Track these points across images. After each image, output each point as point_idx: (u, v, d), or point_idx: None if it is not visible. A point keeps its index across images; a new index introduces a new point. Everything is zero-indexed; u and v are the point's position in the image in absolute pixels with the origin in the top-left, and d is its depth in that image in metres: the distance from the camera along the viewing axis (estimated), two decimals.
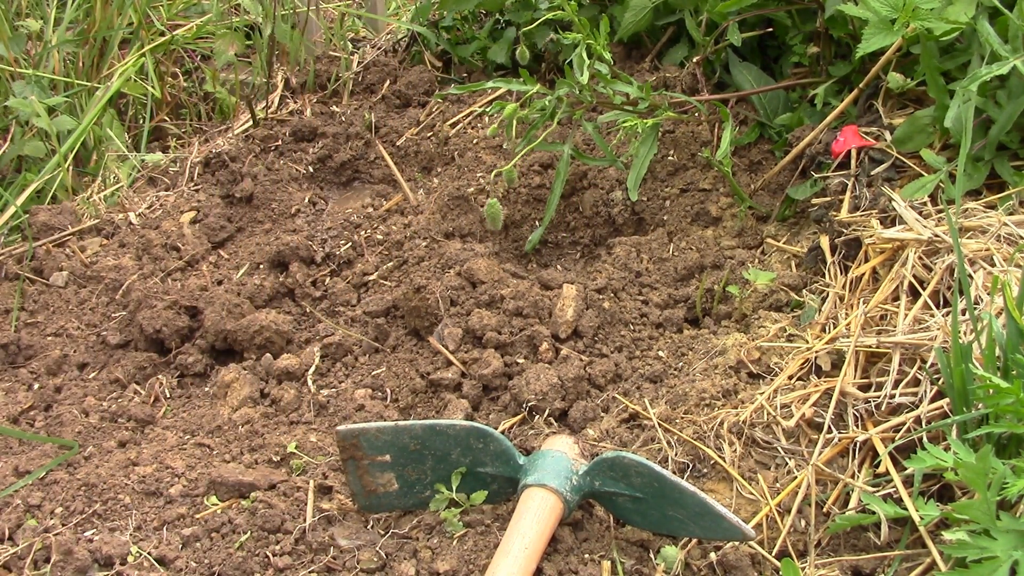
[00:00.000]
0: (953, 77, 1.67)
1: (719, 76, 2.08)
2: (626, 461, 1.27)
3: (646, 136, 1.85)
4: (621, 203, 1.96)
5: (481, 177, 2.04)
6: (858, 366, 1.43)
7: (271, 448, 1.52)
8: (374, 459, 1.35)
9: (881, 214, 1.60)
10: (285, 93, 2.47)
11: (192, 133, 2.50)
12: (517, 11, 2.36)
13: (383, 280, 1.78)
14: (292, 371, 1.65)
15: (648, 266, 1.79)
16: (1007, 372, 1.24)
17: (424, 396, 1.61)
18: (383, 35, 2.72)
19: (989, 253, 1.46)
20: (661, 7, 2.15)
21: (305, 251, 1.82)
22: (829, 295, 1.58)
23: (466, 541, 1.32)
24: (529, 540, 1.23)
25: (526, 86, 1.83)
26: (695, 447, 1.39)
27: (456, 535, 1.33)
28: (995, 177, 1.62)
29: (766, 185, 1.89)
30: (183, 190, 2.19)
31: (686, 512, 1.25)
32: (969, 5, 1.59)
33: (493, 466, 1.35)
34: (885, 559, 1.24)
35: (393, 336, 1.70)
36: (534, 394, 1.53)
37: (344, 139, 2.23)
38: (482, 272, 1.71)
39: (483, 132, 2.20)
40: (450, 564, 1.27)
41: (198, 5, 2.81)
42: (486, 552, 1.30)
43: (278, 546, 1.33)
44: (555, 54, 2.32)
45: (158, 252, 1.90)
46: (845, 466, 1.34)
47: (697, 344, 1.61)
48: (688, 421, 1.43)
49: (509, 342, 1.62)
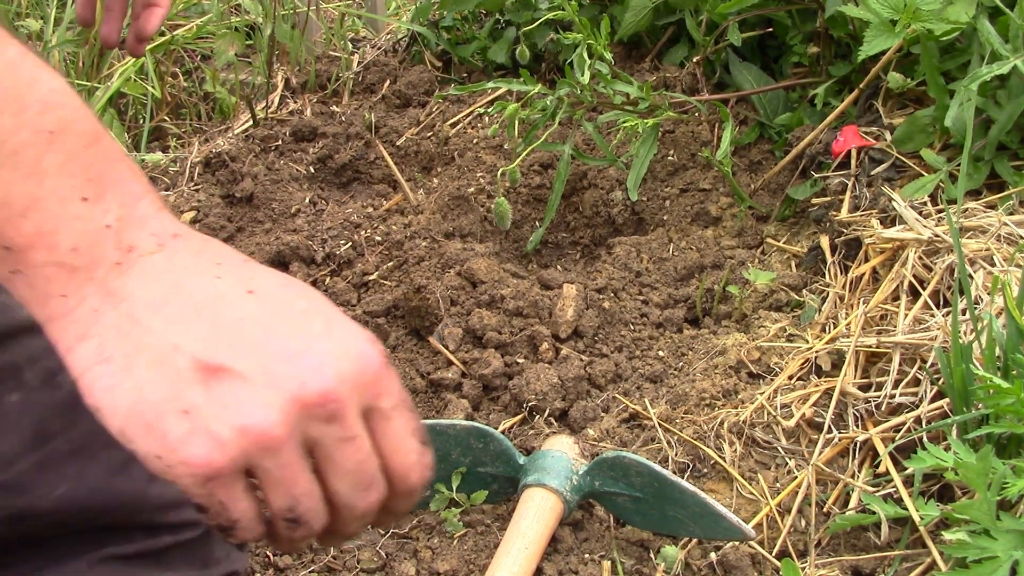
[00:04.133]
0: (953, 77, 1.67)
1: (719, 76, 2.08)
2: (626, 461, 1.28)
3: (646, 136, 1.85)
4: (621, 203, 1.96)
5: (481, 177, 2.04)
6: (858, 366, 1.43)
7: None
8: None
9: (881, 214, 1.60)
10: (285, 93, 2.47)
11: (192, 133, 2.50)
12: (517, 11, 2.36)
13: (383, 280, 1.78)
14: None
15: (648, 266, 1.79)
16: (1007, 372, 1.24)
17: (424, 396, 1.61)
18: (383, 35, 2.72)
19: (989, 253, 1.46)
20: (661, 7, 2.15)
21: (305, 251, 1.82)
22: (829, 295, 1.58)
23: (466, 541, 1.32)
24: (529, 540, 1.23)
25: (526, 86, 1.83)
26: (695, 447, 1.39)
27: (456, 535, 1.33)
28: (995, 177, 1.62)
29: (766, 185, 1.89)
30: (183, 190, 2.19)
31: (686, 512, 1.25)
32: (969, 5, 1.59)
33: (493, 466, 1.35)
34: (885, 559, 1.24)
35: (393, 336, 1.70)
36: (534, 394, 1.53)
37: (344, 139, 2.23)
38: (482, 272, 1.71)
39: (483, 132, 2.20)
40: (450, 564, 1.27)
41: (198, 5, 2.81)
42: (486, 552, 1.30)
43: None
44: (555, 54, 2.32)
45: None
46: (845, 466, 1.35)
47: (697, 344, 1.61)
48: (688, 421, 1.43)
49: (509, 342, 1.62)
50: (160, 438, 0.58)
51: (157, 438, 0.58)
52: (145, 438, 0.58)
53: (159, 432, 0.58)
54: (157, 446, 0.58)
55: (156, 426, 0.58)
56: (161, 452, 0.58)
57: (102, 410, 0.59)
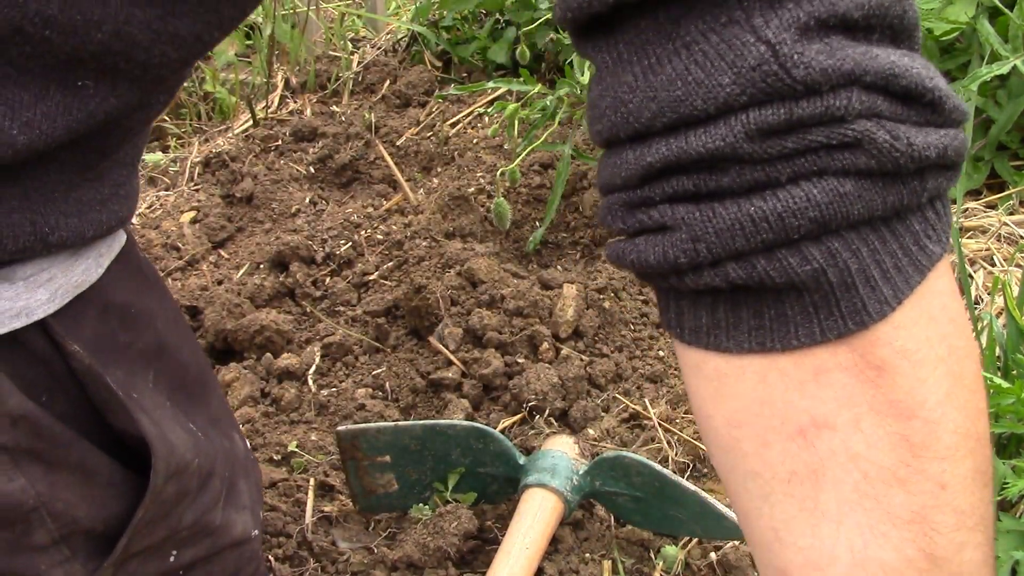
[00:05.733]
0: (953, 77, 1.67)
1: None
2: (627, 461, 1.28)
3: None
4: None
5: (481, 177, 2.04)
6: None
7: (272, 447, 1.52)
8: (374, 460, 1.36)
9: None
10: (285, 93, 2.48)
11: (192, 133, 2.50)
12: (517, 11, 2.36)
13: (383, 280, 1.78)
14: (292, 370, 1.65)
15: None
16: (1007, 372, 1.24)
17: (425, 396, 1.61)
18: (383, 35, 2.72)
19: (989, 253, 1.47)
20: None
21: (305, 251, 1.82)
22: None
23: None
24: (530, 540, 1.23)
25: (526, 86, 1.83)
26: (695, 447, 1.39)
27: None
28: (995, 177, 1.63)
29: None
30: (183, 190, 2.19)
31: (687, 512, 1.25)
32: (969, 5, 1.59)
33: (493, 466, 1.35)
34: None
35: (393, 336, 1.70)
36: (534, 394, 1.53)
37: (344, 139, 2.23)
38: (482, 272, 1.71)
39: (483, 132, 2.20)
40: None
41: None
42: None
43: (279, 546, 1.33)
44: (555, 54, 2.32)
45: (158, 252, 1.90)
46: None
47: None
48: (688, 421, 1.43)
49: (509, 342, 1.62)
50: None
51: None
52: None
53: None
54: None
55: None
56: None
57: None
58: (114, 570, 0.77)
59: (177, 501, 0.80)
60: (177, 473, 0.78)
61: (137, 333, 0.80)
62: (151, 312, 0.82)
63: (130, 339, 0.79)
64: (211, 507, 0.84)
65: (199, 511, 0.83)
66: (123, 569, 0.78)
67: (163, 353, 0.83)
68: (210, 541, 0.85)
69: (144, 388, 0.78)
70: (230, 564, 0.88)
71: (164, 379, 0.83)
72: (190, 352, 0.88)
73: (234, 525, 0.87)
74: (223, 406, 0.95)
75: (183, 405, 0.84)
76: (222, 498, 0.86)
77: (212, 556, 0.86)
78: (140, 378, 0.79)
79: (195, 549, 0.84)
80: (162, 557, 0.81)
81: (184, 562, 0.83)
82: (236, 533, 0.87)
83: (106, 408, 0.74)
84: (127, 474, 0.77)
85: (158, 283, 0.87)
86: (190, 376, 0.87)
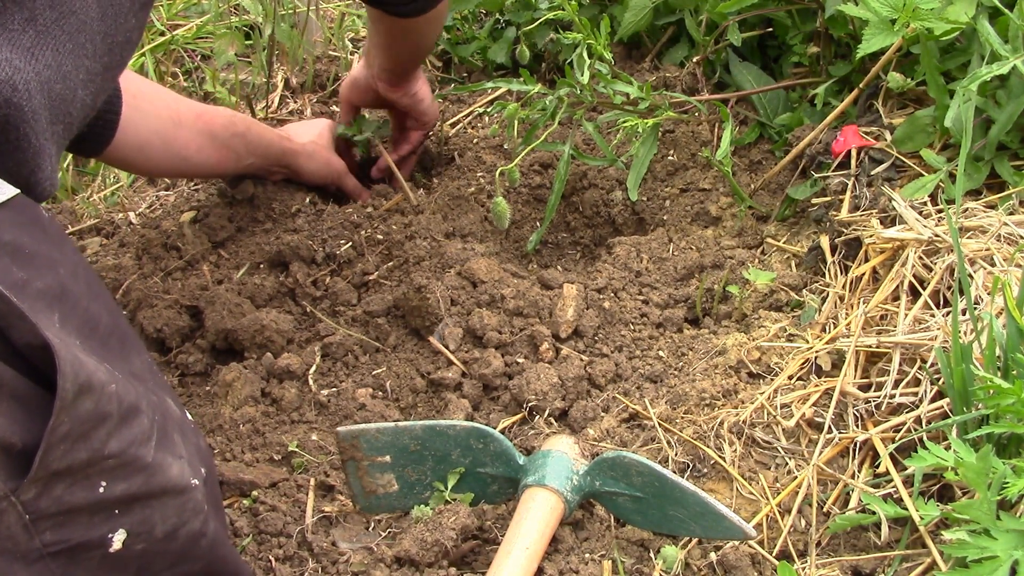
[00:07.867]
0: (953, 77, 1.67)
1: (719, 76, 2.08)
2: (627, 461, 1.28)
3: (646, 136, 1.85)
4: (621, 203, 1.96)
5: (481, 177, 2.04)
6: (858, 366, 1.43)
7: (272, 447, 1.52)
8: (374, 460, 1.36)
9: (881, 214, 1.60)
10: (285, 93, 2.47)
11: None
12: (517, 11, 2.36)
13: (383, 280, 1.78)
14: (293, 370, 1.65)
15: (648, 266, 1.79)
16: (1007, 372, 1.24)
17: (425, 396, 1.61)
18: None
19: (989, 253, 1.47)
20: (661, 7, 2.15)
21: (305, 251, 1.81)
22: (829, 295, 1.58)
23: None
24: (530, 540, 1.23)
25: (526, 86, 1.83)
26: (695, 447, 1.39)
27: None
28: (995, 177, 1.62)
29: (766, 185, 1.89)
30: (183, 190, 2.19)
31: (687, 512, 1.25)
32: (969, 5, 1.59)
33: (493, 466, 1.35)
34: (885, 559, 1.24)
35: (393, 336, 1.70)
36: (534, 394, 1.53)
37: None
38: (482, 272, 1.71)
39: (483, 132, 2.20)
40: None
41: (198, 5, 2.81)
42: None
43: (279, 548, 1.33)
44: (555, 54, 2.32)
45: (158, 252, 1.90)
46: (845, 466, 1.35)
47: (697, 344, 1.61)
48: (688, 421, 1.43)
49: (509, 342, 1.62)
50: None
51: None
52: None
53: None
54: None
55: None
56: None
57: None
58: (38, 490, 0.77)
59: (96, 423, 0.80)
60: (88, 388, 0.79)
61: (35, 272, 0.82)
62: (51, 258, 0.85)
63: (27, 276, 0.81)
64: (140, 442, 0.84)
65: (124, 442, 0.83)
66: (48, 492, 0.78)
67: (66, 297, 0.84)
68: (142, 478, 0.84)
69: (49, 324, 0.79)
70: (171, 512, 0.87)
71: (72, 324, 0.84)
72: (103, 308, 0.90)
73: (168, 467, 0.86)
74: (150, 370, 0.95)
75: (97, 352, 0.85)
76: (154, 439, 0.85)
77: (150, 499, 0.85)
78: (44, 316, 0.80)
79: (126, 484, 0.83)
80: (90, 486, 0.81)
81: (116, 495, 0.82)
82: (172, 475, 0.86)
83: (4, 322, 0.77)
84: (38, 390, 0.78)
85: (64, 241, 0.90)
86: (102, 328, 0.88)
